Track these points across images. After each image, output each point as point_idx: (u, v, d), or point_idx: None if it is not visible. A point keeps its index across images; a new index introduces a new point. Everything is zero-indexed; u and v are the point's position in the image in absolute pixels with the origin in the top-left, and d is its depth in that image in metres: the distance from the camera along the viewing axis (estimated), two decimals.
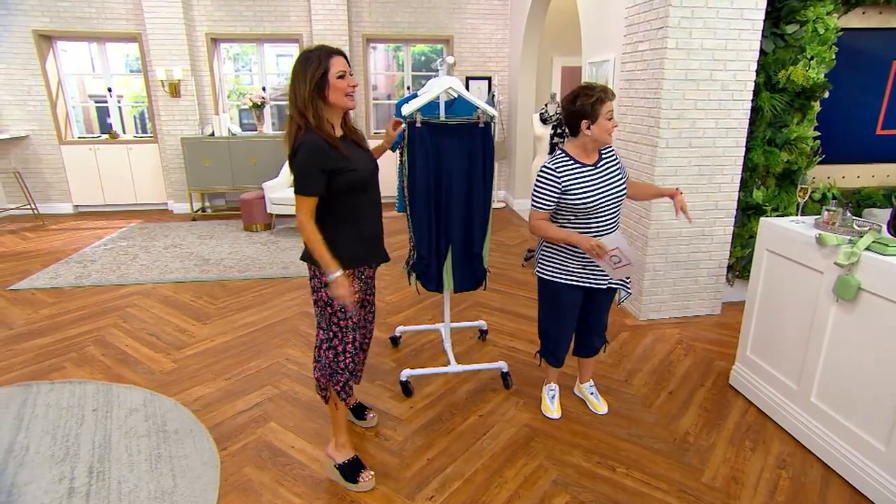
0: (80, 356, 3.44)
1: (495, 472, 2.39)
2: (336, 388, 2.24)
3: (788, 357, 2.68)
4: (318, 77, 1.93)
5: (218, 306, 4.26)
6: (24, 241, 6.24)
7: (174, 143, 7.36)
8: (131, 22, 7.13)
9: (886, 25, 3.92)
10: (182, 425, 2.70)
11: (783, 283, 2.70)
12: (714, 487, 2.30)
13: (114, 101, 7.71)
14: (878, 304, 2.19)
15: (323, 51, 1.96)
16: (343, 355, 2.21)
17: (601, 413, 2.84)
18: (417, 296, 4.42)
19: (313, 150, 1.95)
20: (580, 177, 2.38)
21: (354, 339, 2.24)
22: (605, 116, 2.32)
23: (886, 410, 2.17)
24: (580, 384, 2.97)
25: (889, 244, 2.23)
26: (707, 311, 4.05)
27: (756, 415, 2.83)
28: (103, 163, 7.53)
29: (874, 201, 4.20)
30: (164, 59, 7.09)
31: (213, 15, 7.29)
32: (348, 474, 2.30)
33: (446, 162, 2.78)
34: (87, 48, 8.01)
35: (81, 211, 7.75)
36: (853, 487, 2.30)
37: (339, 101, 2.00)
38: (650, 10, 3.59)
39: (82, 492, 2.25)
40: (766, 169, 3.86)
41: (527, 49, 7.12)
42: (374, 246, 2.29)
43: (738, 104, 3.62)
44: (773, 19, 3.64)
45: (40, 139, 7.34)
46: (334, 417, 2.33)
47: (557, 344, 2.71)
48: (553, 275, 2.53)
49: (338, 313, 2.16)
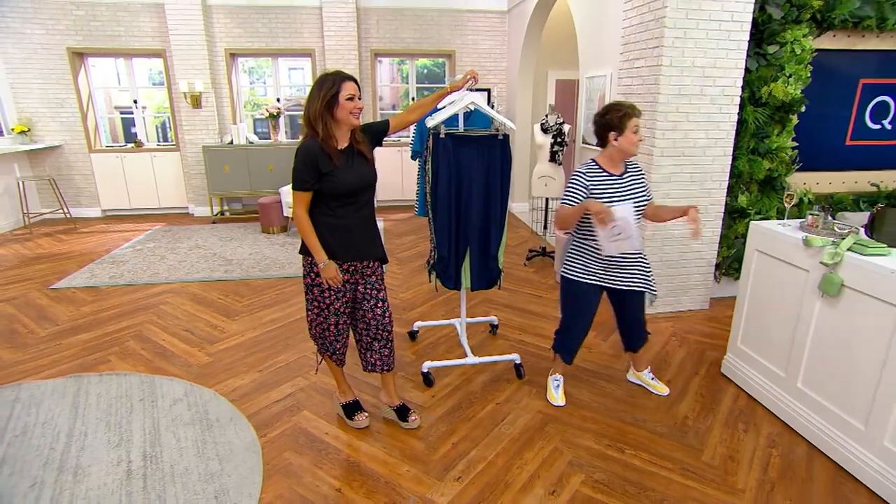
0: (122, 350, 3.46)
1: (515, 455, 2.43)
2: (328, 355, 2.55)
3: (776, 347, 2.74)
4: (329, 97, 2.14)
5: (244, 304, 4.28)
6: (59, 243, 6.23)
7: (195, 151, 7.36)
8: (156, 39, 7.12)
9: (854, 47, 4.00)
10: (223, 414, 2.73)
11: (771, 280, 2.77)
12: (713, 465, 2.36)
13: (139, 113, 7.70)
14: (859, 299, 2.26)
15: (338, 76, 2.17)
16: (328, 333, 2.47)
17: (664, 395, 2.92)
18: (429, 293, 4.46)
19: (307, 154, 2.16)
20: (605, 185, 2.44)
21: (337, 322, 2.44)
22: (632, 130, 2.38)
23: (865, 393, 2.24)
24: (637, 372, 3.03)
25: (868, 245, 2.30)
26: (697, 306, 4.11)
27: (747, 400, 2.89)
28: (129, 169, 7.51)
29: (845, 205, 4.28)
30: (186, 73, 7.08)
31: (232, 31, 7.29)
32: (348, 412, 2.66)
33: (466, 170, 2.82)
34: (114, 63, 7.98)
35: (109, 215, 7.73)
36: (835, 463, 2.37)
37: (345, 119, 2.19)
38: (646, 30, 3.65)
39: (139, 473, 2.29)
40: (749, 176, 3.92)
41: (524, 63, 7.17)
42: (354, 246, 2.36)
43: (725, 117, 3.68)
44: (756, 40, 3.71)
45: (72, 148, 7.32)
46: (332, 374, 2.69)
47: (574, 341, 2.75)
48: (577, 275, 2.58)
49: (317, 298, 2.40)
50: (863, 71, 4.09)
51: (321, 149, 2.16)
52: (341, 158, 2.21)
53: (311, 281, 2.38)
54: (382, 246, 2.55)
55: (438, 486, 2.23)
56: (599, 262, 2.54)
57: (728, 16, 3.46)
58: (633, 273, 2.58)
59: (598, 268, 2.55)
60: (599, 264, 2.54)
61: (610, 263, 2.52)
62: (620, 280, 2.57)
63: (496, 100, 7.85)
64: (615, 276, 2.56)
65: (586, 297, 2.61)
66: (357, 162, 2.29)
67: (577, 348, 2.79)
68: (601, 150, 2.52)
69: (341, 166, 2.20)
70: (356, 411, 2.65)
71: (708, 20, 3.45)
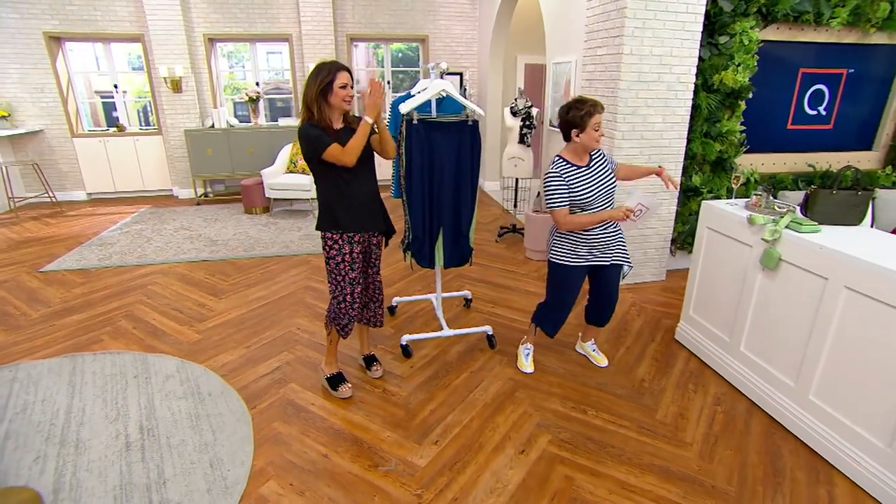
0: (114, 330, 3.41)
1: (488, 419, 2.50)
2: (337, 328, 2.57)
3: (723, 315, 2.85)
4: (324, 84, 2.23)
5: (230, 283, 4.25)
6: (46, 226, 6.03)
7: (178, 135, 7.14)
8: (134, 24, 6.81)
9: (794, 39, 4.07)
10: (214, 388, 2.74)
11: (720, 254, 2.86)
12: (665, 423, 2.48)
13: (120, 97, 7.41)
14: (794, 272, 2.36)
15: (334, 66, 2.25)
16: (344, 304, 2.51)
17: (602, 366, 2.97)
18: (406, 270, 4.48)
19: (312, 128, 2.26)
20: (576, 178, 2.46)
21: (353, 291, 2.49)
22: (593, 127, 2.38)
23: (796, 354, 2.37)
24: (583, 343, 3.08)
25: (803, 223, 2.40)
26: (654, 278, 4.23)
27: (697, 363, 3.01)
28: (112, 153, 7.26)
29: (786, 185, 4.41)
30: (165, 58, 6.82)
31: (210, 17, 7.02)
32: (332, 384, 2.70)
33: (438, 154, 2.80)
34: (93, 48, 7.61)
35: (94, 198, 7.48)
36: (770, 416, 2.52)
37: (337, 105, 2.29)
38: (608, 20, 3.65)
39: (137, 445, 2.30)
40: (703, 157, 4.00)
41: (494, 48, 7.10)
42: (363, 214, 2.46)
43: (680, 102, 3.73)
44: (708, 31, 3.74)
45: (54, 133, 7.02)
46: (329, 346, 2.71)
47: (560, 317, 2.77)
48: (566, 260, 2.59)
49: (334, 270, 2.46)
50: (802, 61, 4.18)
51: (321, 127, 2.28)
52: (338, 137, 2.31)
53: (329, 254, 2.45)
54: (388, 220, 2.64)
55: (418, 450, 2.29)
56: (586, 245, 2.55)
57: (683, 7, 3.48)
58: (615, 249, 2.61)
59: (585, 251, 2.56)
60: (586, 247, 2.55)
61: (595, 245, 2.54)
62: (603, 257, 2.58)
63: (468, 83, 7.78)
64: (601, 254, 2.58)
65: (574, 278, 2.63)
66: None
67: (563, 323, 2.81)
68: (566, 144, 2.52)
69: (339, 140, 2.30)
70: (340, 383, 2.69)
71: (665, 11, 3.47)
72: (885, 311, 1.96)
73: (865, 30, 4.12)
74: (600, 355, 3.02)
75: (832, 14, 3.95)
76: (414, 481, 2.11)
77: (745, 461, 2.22)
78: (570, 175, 2.46)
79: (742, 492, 2.05)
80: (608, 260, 2.60)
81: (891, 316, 1.94)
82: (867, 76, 4.37)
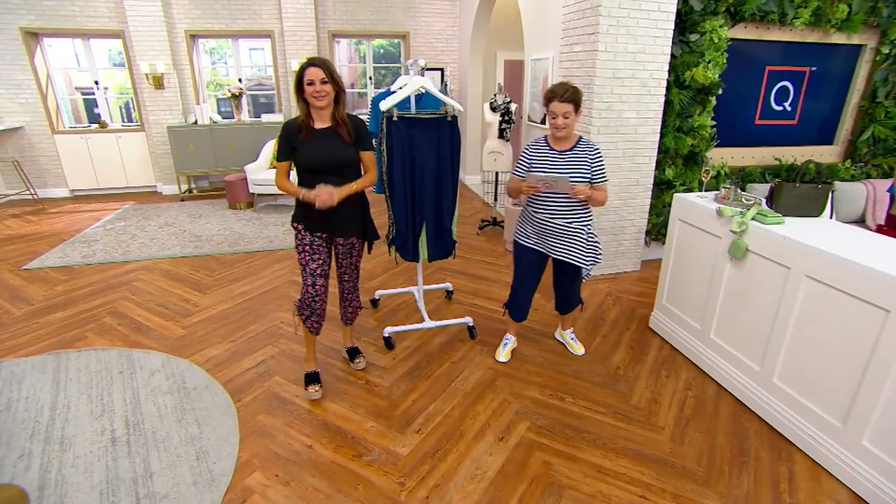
0: (98, 326, 3.35)
1: (469, 408, 2.52)
2: (302, 318, 2.52)
3: (694, 304, 2.90)
4: (297, 80, 2.25)
5: (215, 278, 4.19)
6: (28, 224, 5.87)
7: (160, 131, 6.99)
8: (114, 19, 6.62)
9: (761, 38, 4.14)
10: (199, 382, 2.71)
11: (691, 246, 2.91)
12: (640, 407, 2.52)
13: (101, 93, 7.22)
14: (760, 262, 2.41)
15: (308, 62, 2.23)
16: (307, 294, 2.46)
17: (578, 354, 2.99)
18: (389, 263, 4.46)
19: (283, 129, 2.32)
20: (545, 158, 2.48)
21: (314, 283, 2.44)
22: (551, 115, 2.39)
23: (762, 341, 2.42)
24: (562, 331, 3.10)
25: (768, 215, 2.45)
26: (630, 268, 4.28)
27: (670, 350, 3.06)
28: (95, 150, 7.08)
29: (754, 178, 4.50)
30: (147, 54, 6.65)
31: (192, 13, 6.86)
32: (306, 381, 2.65)
33: (419, 150, 2.80)
34: (72, 43, 7.39)
35: (77, 195, 7.30)
36: (738, 400, 2.58)
37: (308, 100, 2.26)
38: (583, 17, 3.66)
39: (123, 440, 2.27)
40: (675, 151, 4.05)
41: (474, 44, 7.06)
42: (326, 217, 2.38)
43: (654, 98, 3.77)
44: (680, 29, 3.77)
45: (34, 130, 6.81)
46: (305, 341, 2.68)
47: (518, 298, 2.81)
48: (517, 237, 2.66)
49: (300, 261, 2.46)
50: (769, 58, 4.24)
51: (297, 126, 2.28)
52: (314, 136, 2.29)
53: (295, 243, 2.47)
54: (363, 223, 2.56)
55: (400, 439, 2.30)
56: (534, 228, 2.58)
57: (656, 6, 3.50)
58: (565, 244, 2.53)
59: (532, 233, 2.60)
60: (534, 230, 2.58)
61: (543, 230, 2.54)
62: (551, 248, 2.57)
63: (449, 79, 7.74)
64: (547, 243, 2.57)
65: (524, 259, 2.66)
66: (331, 142, 2.31)
67: (524, 307, 2.83)
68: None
69: (309, 144, 2.28)
70: (312, 383, 2.62)
71: (638, 10, 3.49)
72: (841, 299, 2.02)
73: (826, 30, 4.21)
74: (577, 344, 3.04)
75: (795, 14, 4.02)
76: (396, 470, 2.12)
77: (714, 442, 2.27)
78: (540, 155, 2.50)
79: (710, 471, 2.10)
80: (557, 254, 2.55)
81: (846, 303, 2.00)
82: (828, 74, 4.47)
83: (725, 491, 2.01)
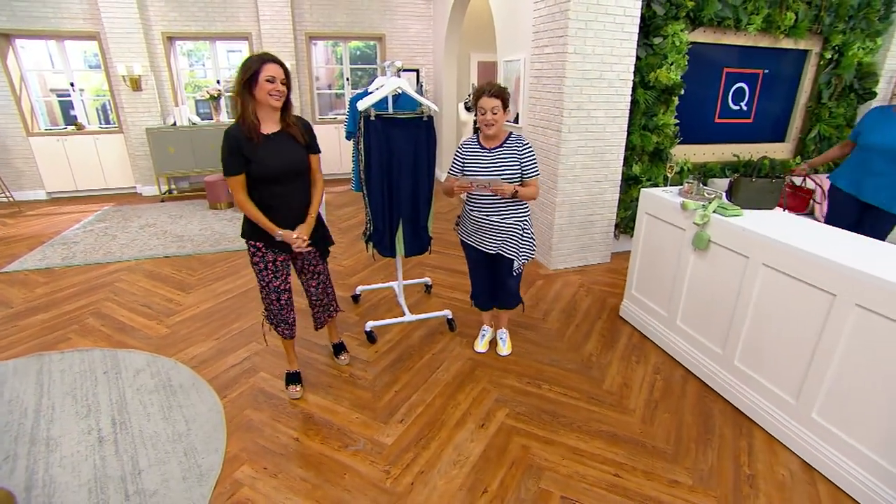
0: (81, 328, 3.25)
1: (450, 397, 2.53)
2: (275, 328, 2.46)
3: (661, 292, 2.97)
4: (247, 76, 1.99)
5: (197, 277, 4.11)
6: (4, 227, 5.64)
7: (139, 133, 6.80)
8: (88, 21, 6.39)
9: (719, 41, 4.25)
10: (184, 380, 2.66)
11: (657, 237, 2.97)
12: (612, 392, 2.57)
13: (77, 95, 6.97)
14: (721, 252, 2.48)
15: (262, 57, 2.02)
16: (273, 310, 2.39)
17: (502, 355, 2.88)
18: (369, 259, 4.45)
19: (229, 139, 2.03)
20: (474, 157, 2.46)
21: (279, 298, 2.36)
22: (480, 112, 2.36)
23: (723, 325, 2.50)
24: (494, 328, 3.04)
25: (728, 208, 2.52)
26: (600, 260, 4.35)
27: (639, 337, 3.13)
28: (72, 152, 6.84)
29: (714, 173, 4.61)
30: (123, 56, 6.46)
31: (168, 15, 6.67)
32: (287, 381, 2.59)
33: (396, 149, 2.78)
34: (46, 45, 7.10)
35: (55, 197, 7.05)
36: (703, 382, 2.65)
37: (264, 100, 2.04)
38: (553, 21, 3.69)
39: (110, 439, 2.22)
40: (641, 148, 4.12)
41: (448, 46, 7.05)
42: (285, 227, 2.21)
43: (621, 98, 3.83)
44: (644, 32, 3.84)
45: (8, 132, 6.54)
46: (283, 345, 2.62)
47: (475, 291, 2.84)
48: (460, 234, 2.67)
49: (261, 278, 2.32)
50: (726, 61, 4.36)
51: (242, 133, 2.02)
52: (266, 142, 2.07)
53: (252, 261, 2.29)
54: (322, 235, 2.43)
55: (384, 429, 2.30)
56: (470, 223, 2.57)
57: (621, 10, 3.56)
58: (497, 238, 2.50)
59: (470, 229, 2.59)
60: (471, 226, 2.57)
61: (479, 227, 2.53)
62: (483, 243, 2.56)
63: (424, 80, 7.71)
64: (479, 238, 2.56)
65: (471, 255, 2.68)
66: (286, 147, 2.13)
67: (484, 298, 2.82)
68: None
69: (263, 151, 2.06)
70: (293, 382, 2.57)
71: (605, 14, 3.53)
72: (794, 285, 2.10)
73: (776, 35, 4.36)
74: (506, 345, 2.91)
75: (749, 20, 4.14)
76: (382, 458, 2.12)
77: (681, 422, 2.34)
78: (470, 154, 2.48)
79: (678, 450, 2.17)
80: (490, 249, 2.53)
81: (798, 288, 2.08)
82: (779, 76, 4.62)
83: (692, 466, 2.07)
